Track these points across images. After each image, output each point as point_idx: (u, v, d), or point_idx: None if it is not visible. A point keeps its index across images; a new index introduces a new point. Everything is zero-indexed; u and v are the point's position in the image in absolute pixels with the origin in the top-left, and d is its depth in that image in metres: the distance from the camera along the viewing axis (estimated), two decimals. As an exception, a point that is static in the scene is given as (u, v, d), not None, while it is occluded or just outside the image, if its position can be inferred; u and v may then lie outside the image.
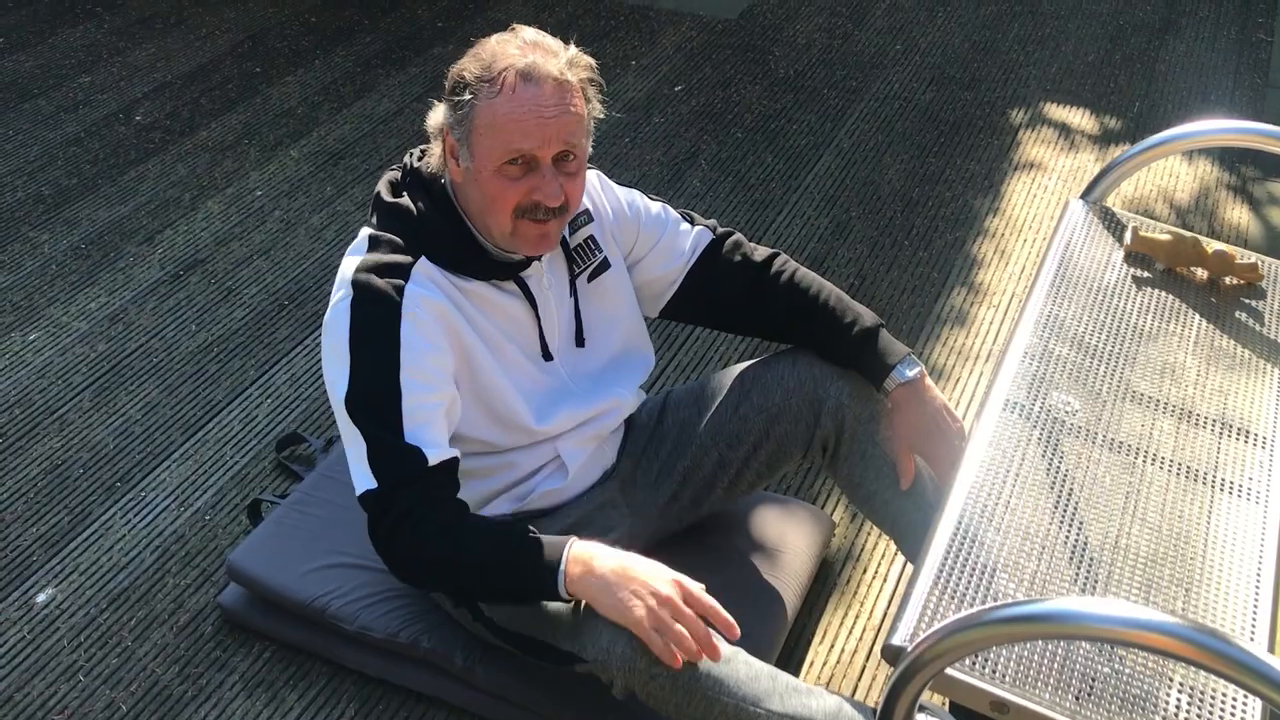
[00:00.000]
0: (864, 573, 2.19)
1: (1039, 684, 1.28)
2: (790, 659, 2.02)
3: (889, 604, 2.13)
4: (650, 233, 1.87)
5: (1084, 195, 2.06)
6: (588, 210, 1.81)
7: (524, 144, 1.55)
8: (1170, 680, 1.29)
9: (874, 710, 1.68)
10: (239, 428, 2.55)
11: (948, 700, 1.69)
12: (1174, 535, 1.47)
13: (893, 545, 2.21)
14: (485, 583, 1.59)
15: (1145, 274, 1.90)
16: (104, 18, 4.47)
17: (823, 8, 4.49)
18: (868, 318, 1.85)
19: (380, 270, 1.61)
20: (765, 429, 1.86)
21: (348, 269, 1.63)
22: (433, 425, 1.58)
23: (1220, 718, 1.26)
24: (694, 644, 1.48)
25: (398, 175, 1.72)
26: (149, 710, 1.96)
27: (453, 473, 1.58)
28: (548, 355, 1.76)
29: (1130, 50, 4.15)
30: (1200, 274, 1.92)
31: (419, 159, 1.71)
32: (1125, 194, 3.34)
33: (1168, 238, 1.90)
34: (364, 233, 1.68)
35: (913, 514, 1.78)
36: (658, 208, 1.89)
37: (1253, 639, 1.36)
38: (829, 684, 1.99)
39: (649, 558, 1.56)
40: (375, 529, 1.55)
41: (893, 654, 1.30)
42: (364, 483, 1.56)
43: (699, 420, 1.90)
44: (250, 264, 3.09)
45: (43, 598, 2.17)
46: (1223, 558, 1.45)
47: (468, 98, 1.56)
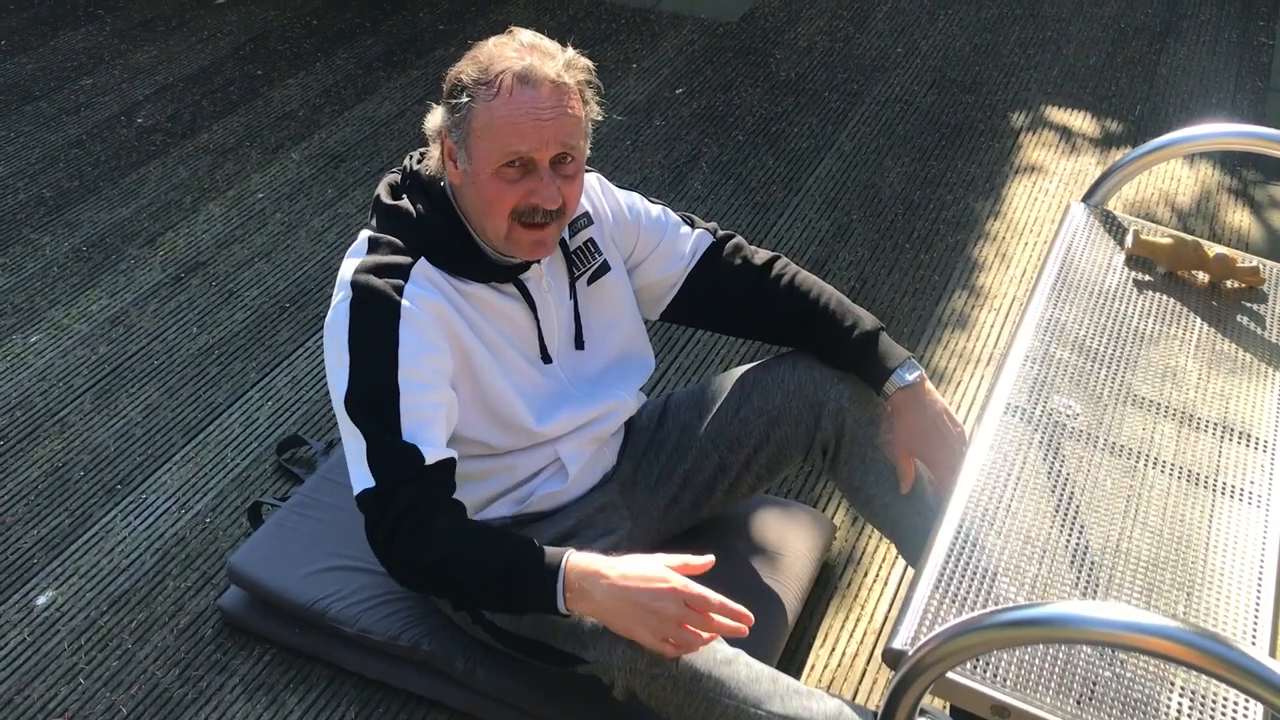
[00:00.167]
0: (865, 576, 2.19)
1: (1040, 688, 1.27)
2: (791, 662, 2.02)
3: (890, 607, 2.13)
4: (650, 235, 1.87)
5: (1085, 198, 2.06)
6: (587, 213, 1.81)
7: (521, 146, 1.55)
8: (1171, 684, 1.29)
9: (874, 714, 1.68)
10: (240, 430, 2.55)
11: (948, 704, 1.69)
12: (1175, 539, 1.47)
13: (893, 549, 2.21)
14: (483, 596, 1.58)
15: (1146, 277, 1.90)
16: (105, 20, 4.47)
17: (824, 11, 4.48)
18: (868, 321, 1.85)
19: (379, 271, 1.61)
20: (765, 432, 1.86)
21: (347, 271, 1.63)
22: (431, 425, 1.57)
23: (1221, 722, 1.26)
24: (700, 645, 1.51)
25: (397, 178, 1.72)
26: (149, 713, 1.96)
27: (450, 473, 1.58)
28: (546, 358, 1.76)
29: (1131, 53, 4.15)
30: (1201, 278, 1.91)
31: (418, 161, 1.71)
32: (1126, 197, 3.34)
33: (1169, 241, 1.90)
34: (363, 235, 1.68)
35: (913, 517, 1.78)
36: (658, 210, 1.89)
37: (1254, 643, 1.35)
38: (829, 687, 1.99)
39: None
40: (374, 531, 1.54)
41: (893, 657, 1.30)
42: (362, 482, 1.55)
43: (699, 423, 1.90)
44: (251, 266, 3.09)
45: (43, 600, 2.17)
46: (1224, 562, 1.44)
47: (465, 100, 1.56)
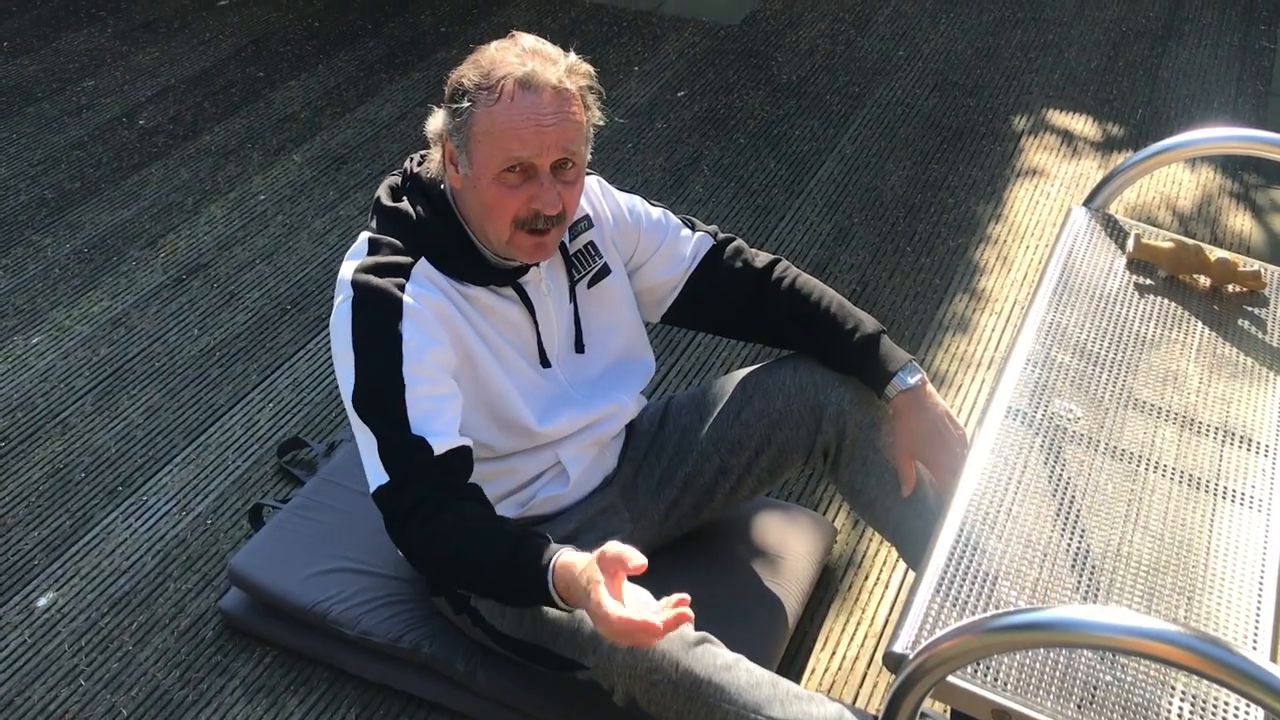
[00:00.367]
0: (865, 579, 2.19)
1: (1041, 692, 1.27)
2: (791, 666, 2.02)
3: (890, 611, 2.13)
4: (651, 238, 1.86)
5: (1086, 202, 2.06)
6: (588, 216, 1.81)
7: (522, 152, 1.55)
8: (1172, 689, 1.29)
9: (875, 718, 1.68)
10: (241, 432, 2.55)
11: (949, 708, 1.69)
12: (1176, 543, 1.47)
13: (894, 552, 2.21)
14: (488, 592, 1.58)
15: (1148, 281, 1.90)
16: (107, 22, 4.48)
17: (825, 14, 4.49)
18: (869, 324, 1.85)
19: (380, 270, 1.61)
20: (766, 435, 1.86)
21: (347, 272, 1.63)
22: (439, 416, 1.57)
23: (1222, 727, 1.26)
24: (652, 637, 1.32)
25: (398, 180, 1.72)
26: (149, 714, 1.96)
27: (465, 459, 1.57)
28: (545, 362, 1.76)
29: (1133, 57, 4.15)
30: (1203, 281, 1.91)
31: (419, 164, 1.71)
32: (1128, 201, 3.34)
33: (1170, 245, 1.90)
34: (363, 236, 1.68)
35: (914, 521, 1.78)
36: (658, 213, 1.89)
37: (1255, 647, 1.35)
38: (830, 691, 1.99)
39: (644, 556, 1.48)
40: (390, 526, 1.55)
41: (894, 661, 1.30)
42: (377, 478, 1.56)
43: (700, 426, 1.90)
44: (253, 268, 3.09)
45: (44, 602, 2.17)
46: (1225, 566, 1.44)
47: (466, 105, 1.56)
